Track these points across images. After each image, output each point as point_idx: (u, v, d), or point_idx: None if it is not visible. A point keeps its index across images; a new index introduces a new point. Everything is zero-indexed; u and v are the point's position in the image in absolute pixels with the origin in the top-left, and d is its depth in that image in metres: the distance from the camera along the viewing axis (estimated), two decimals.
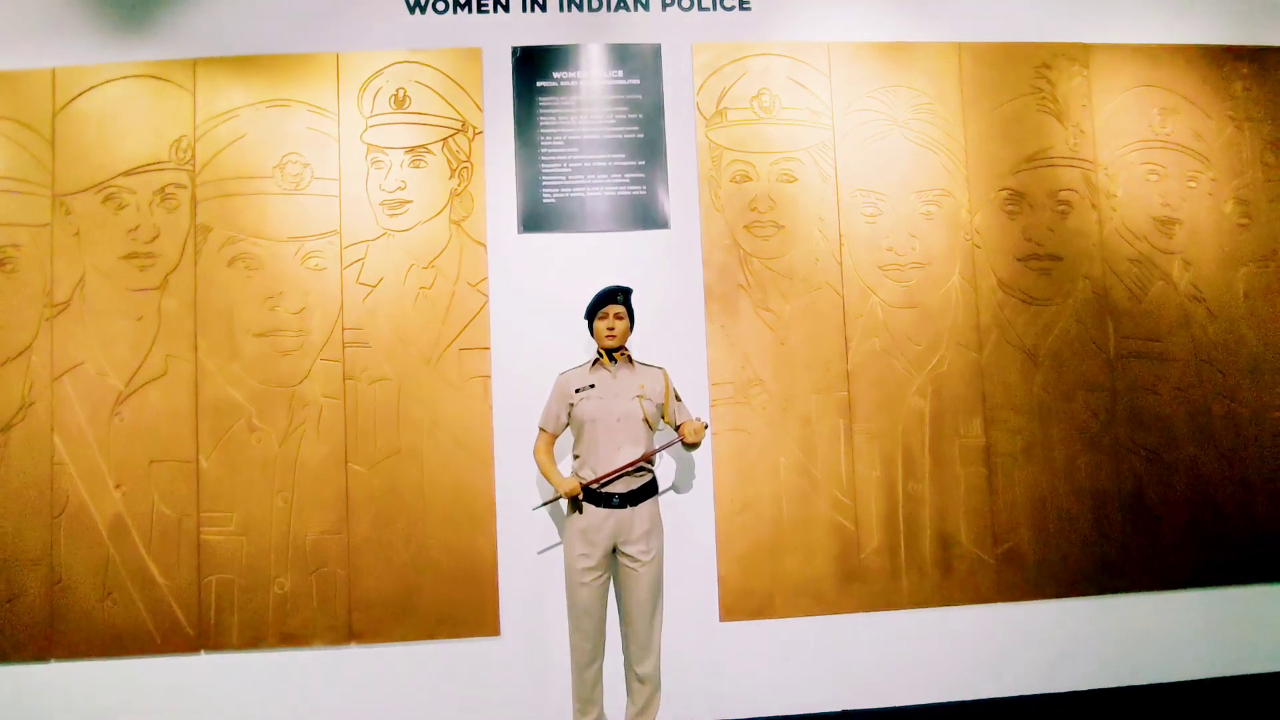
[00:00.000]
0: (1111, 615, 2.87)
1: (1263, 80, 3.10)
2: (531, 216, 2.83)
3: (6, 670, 2.63)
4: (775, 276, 2.85)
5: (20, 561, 2.65)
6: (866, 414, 2.84)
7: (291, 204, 2.78)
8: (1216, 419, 2.97)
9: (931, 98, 2.95)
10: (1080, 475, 2.89)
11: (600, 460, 2.34)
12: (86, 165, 2.77)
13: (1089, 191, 2.98)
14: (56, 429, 2.69)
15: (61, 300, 2.72)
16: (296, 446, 2.71)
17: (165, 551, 2.67)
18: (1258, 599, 2.92)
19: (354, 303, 2.75)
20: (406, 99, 2.82)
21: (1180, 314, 2.98)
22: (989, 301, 2.92)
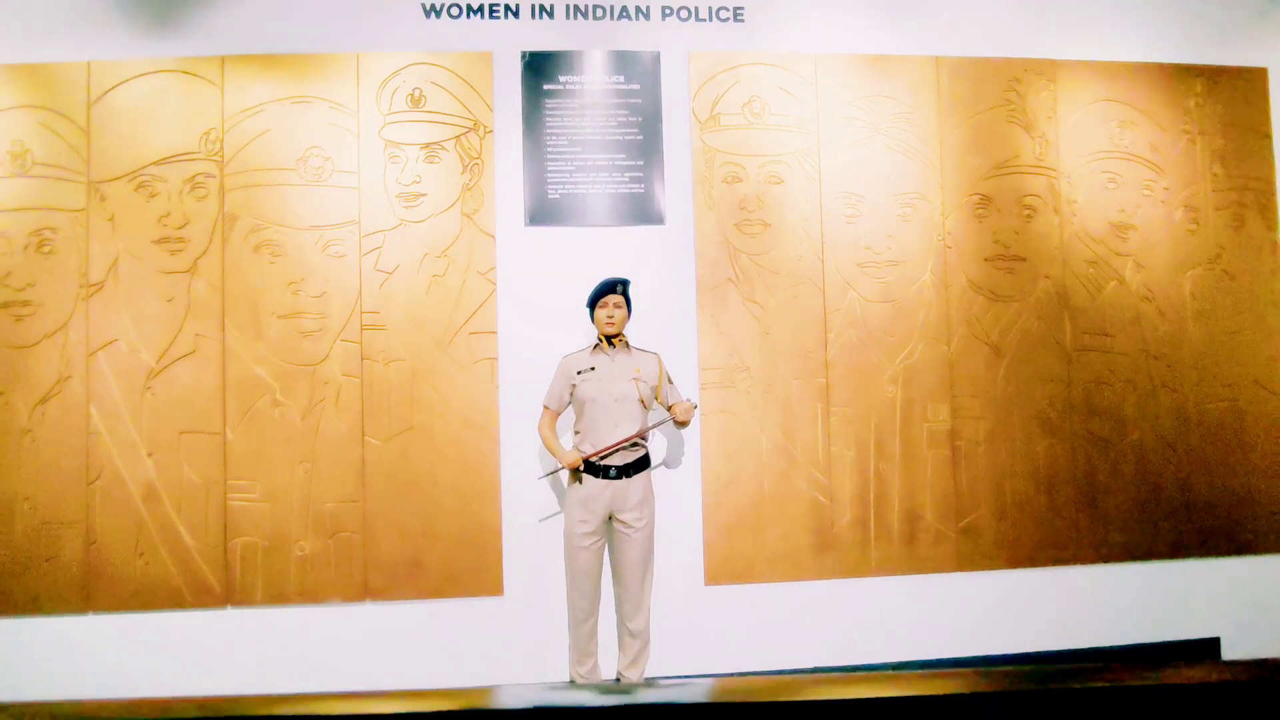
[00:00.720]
0: (1059, 585, 3.15)
1: (1214, 97, 3.35)
2: (537, 211, 3.05)
3: (47, 621, 2.85)
4: (762, 271, 3.09)
5: (58, 523, 2.86)
6: (842, 400, 3.09)
7: (313, 195, 2.98)
8: (1162, 408, 3.24)
9: (910, 108, 3.19)
10: (1036, 458, 3.17)
11: (599, 436, 2.58)
12: (120, 154, 2.95)
13: (1052, 197, 3.23)
14: (92, 401, 2.89)
15: (96, 281, 2.92)
16: (317, 421, 2.93)
17: (194, 515, 2.89)
18: (1190, 571, 3.21)
19: (371, 288, 2.97)
20: (422, 98, 3.02)
21: (1132, 312, 3.25)
22: (958, 298, 3.17)
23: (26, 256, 2.91)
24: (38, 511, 2.85)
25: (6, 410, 2.87)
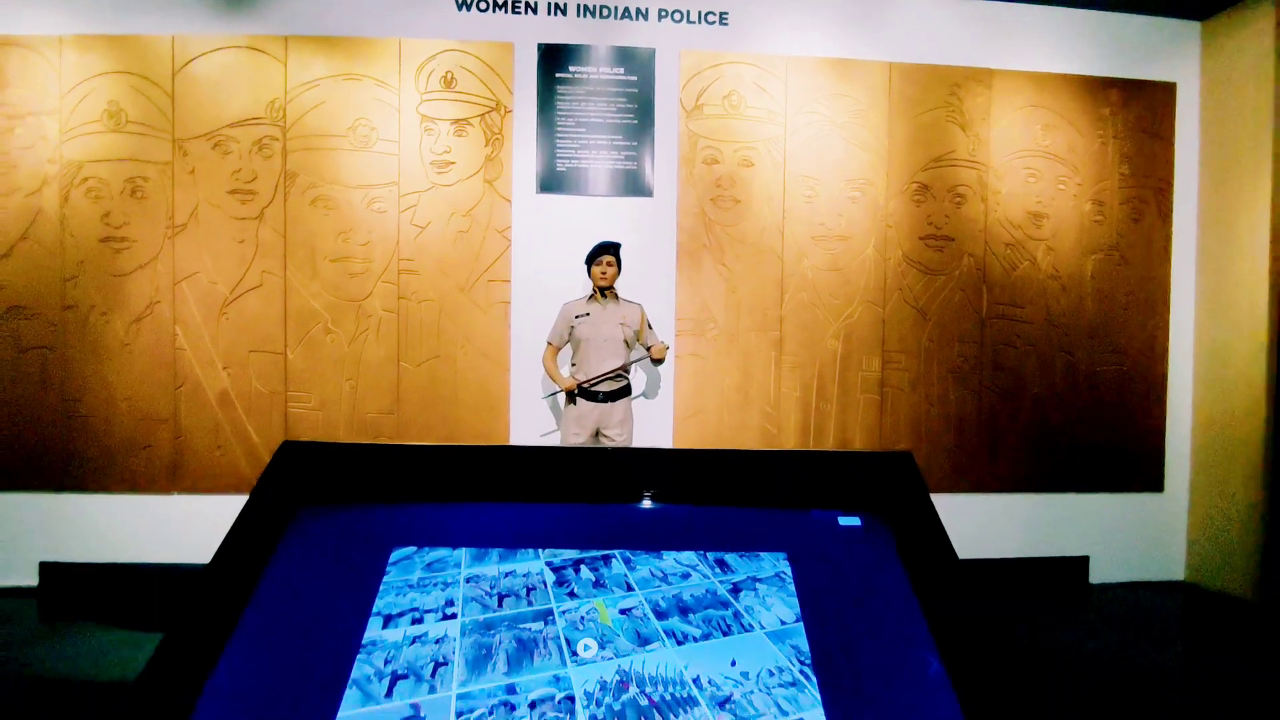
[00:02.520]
0: (963, 508, 3.87)
1: (1127, 106, 3.93)
2: (547, 180, 3.66)
3: (141, 499, 3.55)
4: (731, 240, 3.71)
5: (151, 419, 3.54)
6: (792, 350, 3.76)
7: (361, 159, 3.57)
8: (1058, 368, 3.92)
9: (865, 105, 3.77)
10: (950, 405, 3.85)
11: (591, 367, 3.25)
12: (199, 117, 3.53)
13: (980, 188, 3.84)
14: (177, 322, 3.54)
15: (180, 223, 3.53)
16: (361, 347, 3.58)
17: (260, 419, 3.57)
18: (1069, 503, 3.93)
19: (407, 239, 3.59)
20: (454, 80, 3.59)
21: (1039, 288, 3.89)
22: (894, 269, 3.81)
23: (122, 200, 3.52)
24: (135, 409, 3.52)
25: (108, 327, 3.51)
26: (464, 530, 1.01)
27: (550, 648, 0.87)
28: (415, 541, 1.00)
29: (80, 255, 3.50)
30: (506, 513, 1.04)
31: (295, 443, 1.09)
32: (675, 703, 0.81)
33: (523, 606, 0.92)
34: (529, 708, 0.81)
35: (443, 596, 0.92)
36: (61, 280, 3.50)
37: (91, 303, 3.51)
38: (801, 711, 0.81)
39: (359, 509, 1.04)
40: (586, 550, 1.00)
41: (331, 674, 0.83)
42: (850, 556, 1.00)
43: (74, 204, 3.49)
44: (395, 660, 0.85)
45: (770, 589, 0.95)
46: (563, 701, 0.81)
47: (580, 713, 0.80)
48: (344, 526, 1.01)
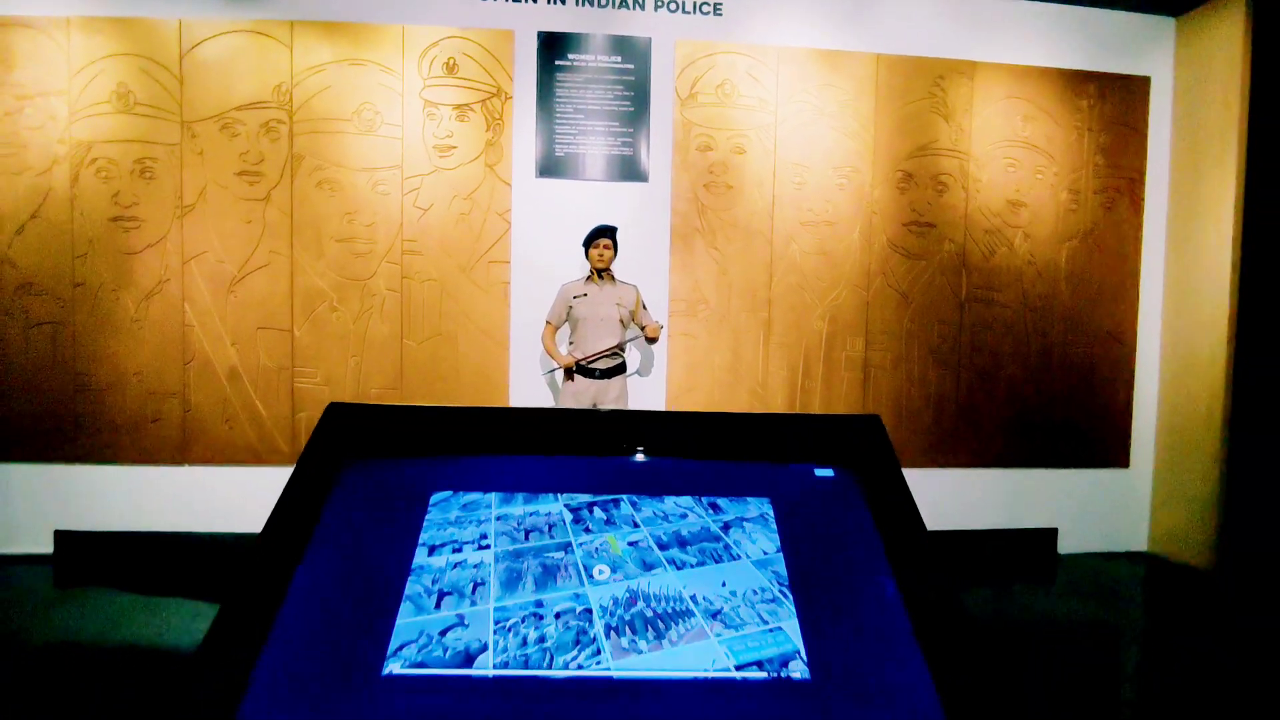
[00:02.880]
0: (940, 481, 4.07)
1: (1103, 99, 4.09)
2: (546, 165, 3.78)
3: (152, 470, 3.68)
4: (723, 224, 3.86)
5: (161, 393, 3.66)
6: (780, 330, 3.92)
7: (365, 142, 3.69)
8: (1032, 350, 4.11)
9: (852, 96, 3.91)
10: (929, 383, 4.04)
11: (588, 345, 3.40)
12: (207, 99, 3.63)
13: (962, 177, 4.00)
14: (186, 300, 3.65)
15: (189, 203, 3.64)
16: (365, 325, 3.72)
17: (268, 393, 3.70)
18: (1040, 478, 4.14)
19: (411, 221, 3.71)
20: (456, 66, 3.70)
21: (1016, 273, 4.07)
22: (878, 254, 3.97)
23: (132, 180, 3.62)
24: (145, 384, 3.65)
25: (118, 304, 3.63)
26: (493, 477, 1.17)
27: (570, 572, 1.04)
28: (451, 487, 1.16)
29: (90, 234, 3.60)
30: (530, 463, 1.20)
31: (341, 404, 1.24)
32: (675, 614, 0.98)
33: (545, 540, 1.08)
34: (554, 617, 0.97)
35: (477, 531, 1.09)
36: (72, 258, 3.60)
37: (101, 280, 3.62)
38: (780, 622, 0.98)
39: (401, 461, 1.19)
40: (599, 495, 1.16)
41: (389, 591, 1.00)
42: (823, 501, 1.17)
43: (84, 184, 3.58)
44: (441, 581, 1.01)
45: (755, 526, 1.12)
46: (582, 613, 0.98)
47: (597, 621, 0.97)
48: (389, 475, 1.17)
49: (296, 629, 0.94)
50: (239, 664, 0.90)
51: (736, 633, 0.96)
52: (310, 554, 1.03)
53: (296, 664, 0.90)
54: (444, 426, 1.25)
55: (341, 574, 1.01)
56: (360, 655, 0.91)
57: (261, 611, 0.96)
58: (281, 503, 1.09)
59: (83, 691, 2.37)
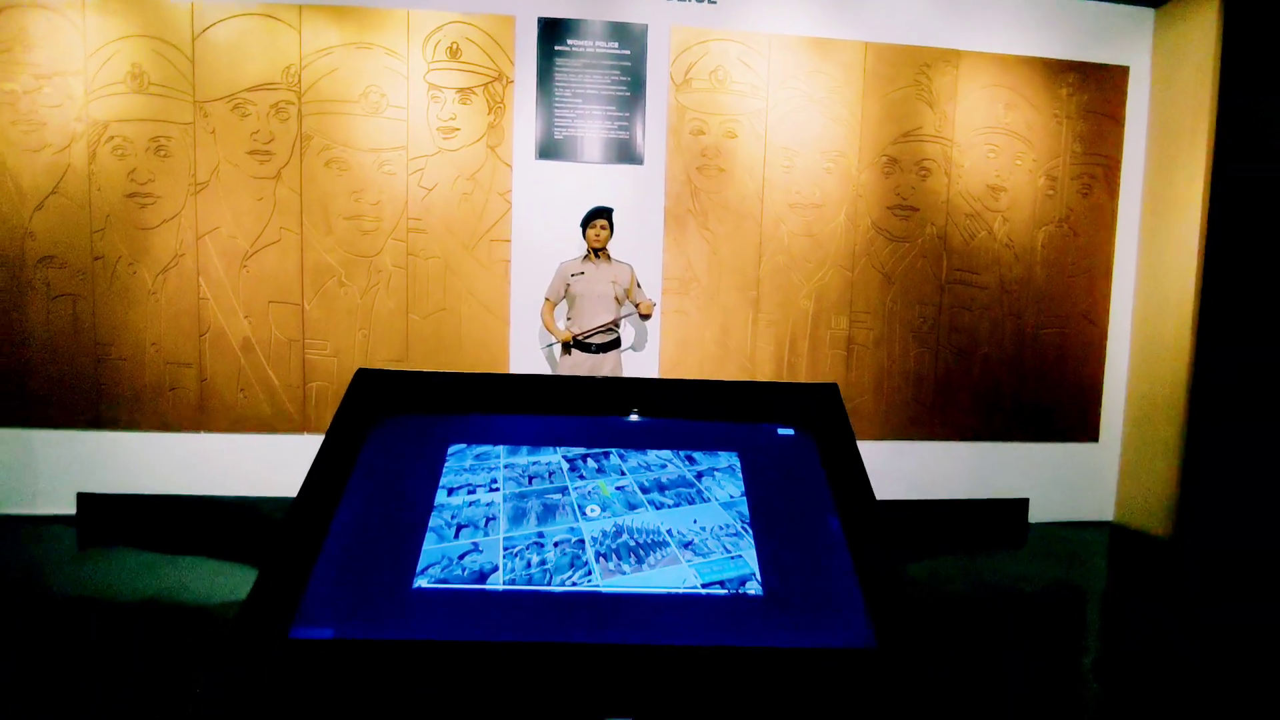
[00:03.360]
0: (917, 453, 4.29)
1: (1082, 88, 4.25)
2: (545, 147, 3.94)
3: (170, 437, 3.88)
4: (715, 206, 4.03)
5: (178, 364, 3.85)
6: (768, 308, 4.11)
7: (371, 123, 3.83)
8: (1007, 331, 4.30)
9: (841, 83, 4.06)
10: (909, 361, 4.24)
11: (585, 321, 3.58)
12: (219, 81, 3.77)
13: (944, 162, 4.17)
14: (201, 274, 3.82)
15: (203, 181, 3.79)
16: (373, 299, 3.89)
17: (280, 364, 3.89)
18: (1013, 450, 4.36)
19: (415, 200, 3.87)
20: (459, 51, 3.83)
21: (994, 256, 4.25)
22: (863, 236, 4.15)
23: (147, 158, 3.76)
24: (162, 354, 3.83)
25: (136, 278, 3.79)
26: (502, 433, 1.37)
27: (567, 510, 1.24)
28: (466, 440, 1.36)
29: (107, 209, 3.76)
30: (532, 422, 1.40)
31: (368, 370, 1.44)
32: (653, 544, 1.19)
33: (546, 484, 1.29)
34: (553, 546, 1.18)
35: (488, 477, 1.29)
36: (90, 232, 3.76)
37: (119, 254, 3.78)
38: (740, 551, 1.19)
39: (422, 418, 1.39)
40: (591, 448, 1.36)
41: (415, 524, 1.20)
42: (783, 455, 1.37)
43: (101, 161, 3.73)
44: (459, 516, 1.22)
45: (724, 475, 1.33)
46: (576, 543, 1.18)
47: (589, 548, 1.17)
48: (412, 430, 1.37)
49: (341, 554, 1.14)
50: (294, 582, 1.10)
51: (704, 559, 1.17)
52: (348, 494, 1.23)
53: (342, 581, 1.11)
54: (459, 390, 1.44)
55: (376, 510, 1.22)
56: (394, 574, 1.12)
57: (310, 541, 1.16)
58: (322, 453, 1.29)
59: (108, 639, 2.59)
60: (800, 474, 1.33)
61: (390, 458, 1.30)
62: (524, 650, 1.02)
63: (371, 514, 1.20)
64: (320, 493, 1.23)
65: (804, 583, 1.14)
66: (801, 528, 1.23)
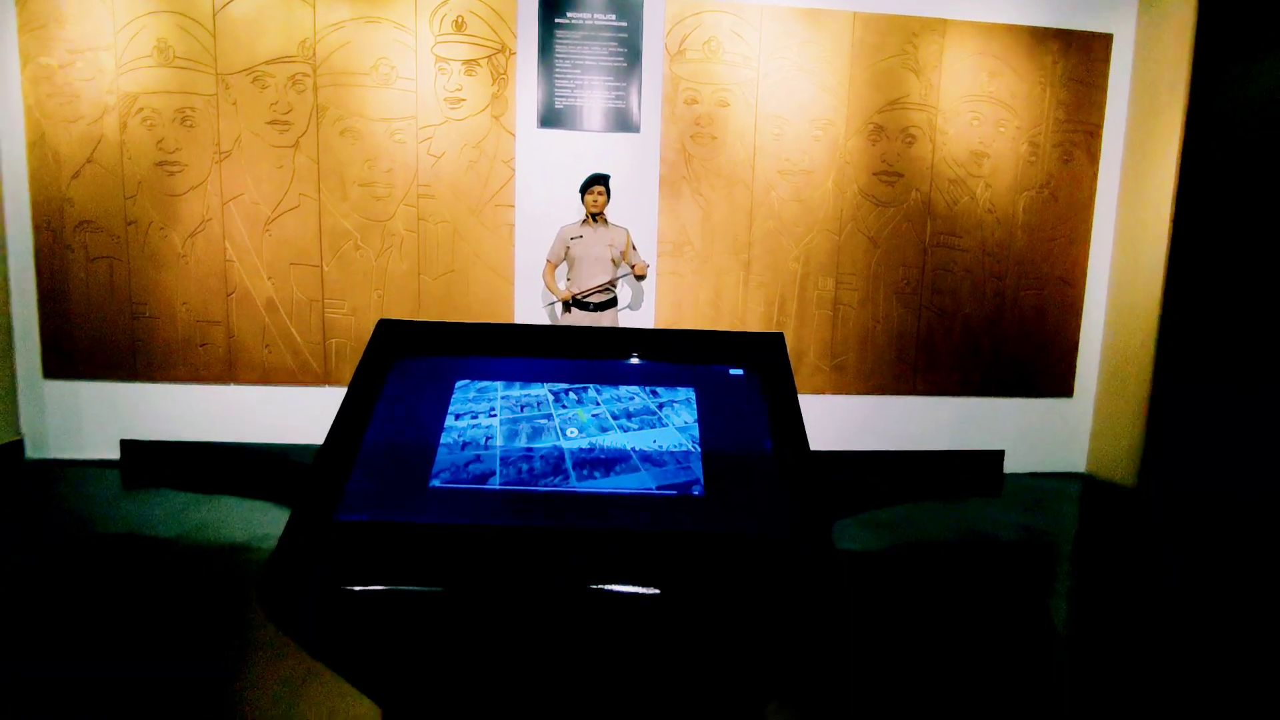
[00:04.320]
0: (900, 408, 4.56)
1: (1066, 56, 4.39)
2: (547, 116, 4.15)
3: (201, 389, 4.20)
4: (708, 172, 4.25)
5: (207, 321, 4.15)
6: (758, 271, 4.35)
7: (383, 95, 4.06)
8: (988, 292, 4.53)
9: (830, 52, 4.22)
10: (893, 320, 4.48)
11: (583, 281, 3.84)
12: (239, 54, 3.99)
13: (929, 129, 4.35)
14: (227, 237, 4.10)
15: (226, 150, 4.04)
16: (386, 261, 4.17)
17: (302, 322, 4.18)
18: (990, 405, 4.62)
19: (425, 168, 4.11)
20: (464, 24, 4.03)
21: (976, 220, 4.45)
22: (850, 201, 4.36)
23: (173, 128, 4.02)
24: (192, 313, 4.13)
25: (166, 241, 4.08)
26: (499, 371, 1.66)
27: (551, 431, 1.52)
28: (470, 377, 1.64)
29: (139, 177, 4.03)
30: (525, 363, 1.68)
31: (389, 320, 1.72)
32: (620, 458, 1.47)
33: (534, 412, 1.57)
34: (540, 458, 1.46)
35: (488, 406, 1.58)
36: (123, 199, 4.04)
37: (150, 219, 4.06)
38: (689, 463, 1.47)
39: (433, 359, 1.67)
40: (573, 384, 1.64)
41: (429, 440, 1.49)
42: (732, 391, 1.65)
43: (131, 131, 3.99)
44: (464, 435, 1.51)
45: (682, 406, 1.60)
46: (558, 456, 1.47)
47: (568, 459, 1.46)
48: (425, 369, 1.65)
49: (372, 461, 1.44)
50: (337, 481, 1.40)
51: (659, 468, 1.45)
52: (375, 418, 1.53)
53: (373, 481, 1.40)
54: (465, 337, 1.72)
55: (398, 429, 1.51)
56: (414, 476, 1.41)
57: (348, 451, 1.45)
58: (353, 385, 1.57)
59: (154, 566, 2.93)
60: (745, 405, 1.61)
61: (408, 390, 1.59)
62: (515, 532, 1.32)
63: (394, 432, 1.50)
64: (354, 415, 1.52)
65: (737, 487, 1.43)
66: (740, 447, 1.52)
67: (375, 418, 1.52)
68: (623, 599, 1.25)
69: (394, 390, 1.59)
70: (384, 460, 1.45)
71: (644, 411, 1.59)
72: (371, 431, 1.50)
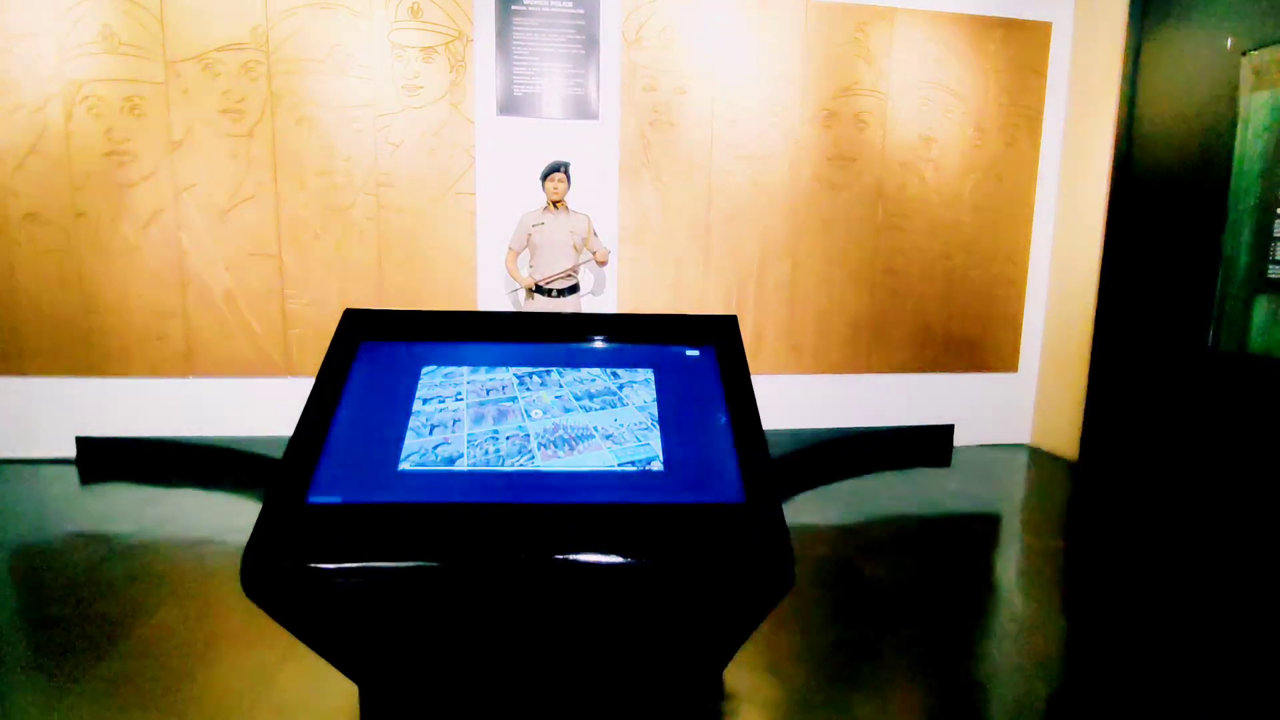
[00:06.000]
0: (854, 386, 4.72)
1: (1008, 43, 4.55)
2: (506, 103, 4.17)
3: (158, 381, 4.16)
4: (667, 159, 4.31)
5: (163, 314, 4.10)
6: (717, 256, 4.45)
7: (339, 82, 4.03)
8: (938, 272, 4.70)
9: (784, 41, 4.31)
10: (847, 301, 4.62)
11: (546, 268, 3.89)
12: (189, 41, 3.92)
13: (880, 115, 4.48)
14: (181, 228, 4.04)
15: (178, 139, 3.98)
16: (347, 251, 4.15)
17: (261, 313, 4.16)
18: (941, 382, 4.81)
19: (384, 156, 4.10)
20: (420, 11, 4.02)
21: (925, 203, 4.61)
22: (805, 186, 4.47)
23: (122, 117, 3.94)
24: (147, 305, 4.08)
25: (117, 233, 4.01)
26: (464, 356, 1.72)
27: (516, 413, 1.60)
28: (436, 362, 1.70)
29: (87, 167, 3.94)
30: (490, 348, 1.74)
31: (355, 309, 1.76)
32: (582, 437, 1.55)
33: (500, 395, 1.64)
34: (505, 439, 1.53)
35: (454, 390, 1.64)
36: (71, 190, 3.95)
37: (100, 210, 3.98)
38: (649, 440, 1.56)
39: (400, 344, 1.73)
40: (536, 367, 1.71)
41: (397, 426, 1.55)
42: (689, 370, 1.73)
43: (78, 120, 3.90)
44: (431, 419, 1.57)
45: (642, 386, 1.69)
46: (523, 437, 1.54)
47: (533, 440, 1.53)
48: (392, 354, 1.71)
49: (342, 444, 1.50)
50: (307, 464, 1.45)
51: (620, 446, 1.54)
52: (344, 402, 1.58)
53: (344, 464, 1.46)
54: (430, 324, 1.78)
55: (366, 414, 1.57)
56: (383, 459, 1.48)
57: (317, 432, 1.51)
58: (323, 371, 1.62)
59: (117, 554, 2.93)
60: (700, 384, 1.70)
61: (376, 375, 1.65)
62: (483, 509, 1.39)
63: (363, 417, 1.55)
64: (323, 400, 1.57)
65: (695, 460, 1.52)
66: (697, 422, 1.61)
67: (344, 404, 1.58)
68: (587, 569, 1.33)
69: (361, 376, 1.65)
70: (354, 445, 1.51)
71: (605, 392, 1.67)
72: (340, 417, 1.55)
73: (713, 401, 1.66)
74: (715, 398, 1.66)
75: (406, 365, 1.68)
